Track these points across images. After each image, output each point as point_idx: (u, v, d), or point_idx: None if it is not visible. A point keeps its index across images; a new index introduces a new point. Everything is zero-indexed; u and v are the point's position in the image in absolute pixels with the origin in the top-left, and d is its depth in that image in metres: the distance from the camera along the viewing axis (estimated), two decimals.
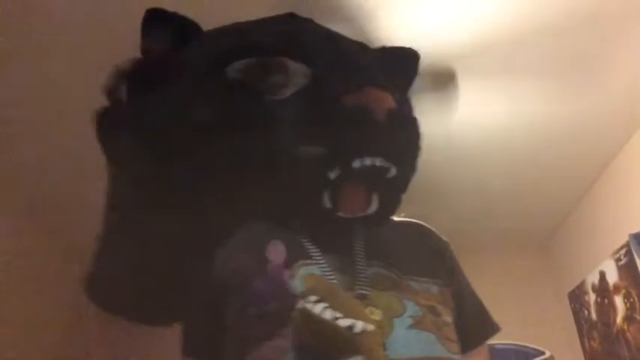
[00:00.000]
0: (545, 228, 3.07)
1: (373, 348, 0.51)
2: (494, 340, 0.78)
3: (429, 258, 0.72)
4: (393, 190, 0.65)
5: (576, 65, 1.87)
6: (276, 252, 0.59)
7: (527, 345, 2.20)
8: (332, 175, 0.60)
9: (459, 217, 2.54)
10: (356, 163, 0.60)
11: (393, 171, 0.62)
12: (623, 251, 2.34)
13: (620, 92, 2.00)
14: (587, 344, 2.74)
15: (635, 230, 2.23)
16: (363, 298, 0.57)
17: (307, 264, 0.59)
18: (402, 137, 0.65)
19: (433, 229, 0.79)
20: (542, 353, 2.16)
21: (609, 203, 2.52)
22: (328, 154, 0.60)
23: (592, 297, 2.66)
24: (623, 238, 2.30)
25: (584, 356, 2.77)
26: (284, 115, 0.62)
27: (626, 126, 2.24)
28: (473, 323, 0.68)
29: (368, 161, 0.60)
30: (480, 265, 3.05)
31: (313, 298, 0.52)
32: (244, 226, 0.63)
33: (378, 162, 0.61)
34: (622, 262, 2.36)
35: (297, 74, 0.65)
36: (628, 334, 2.33)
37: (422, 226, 0.78)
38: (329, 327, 0.50)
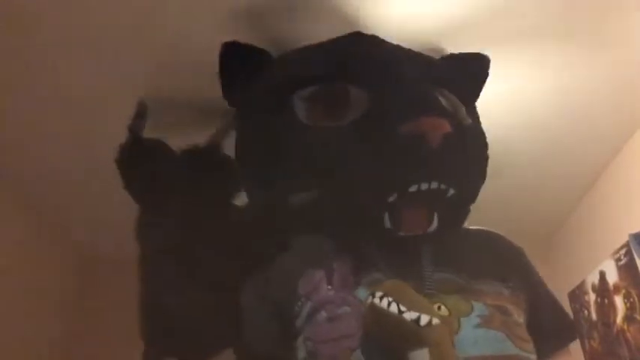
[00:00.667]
0: (545, 228, 3.07)
1: (441, 342, 0.52)
2: None
3: (499, 263, 0.75)
4: (455, 207, 0.69)
5: (576, 64, 1.87)
6: (342, 264, 0.63)
7: None
8: (391, 199, 0.64)
9: (496, 232, 2.54)
10: (412, 188, 0.63)
11: (451, 191, 0.66)
12: (623, 251, 2.34)
13: (621, 91, 2.00)
14: (587, 344, 2.74)
15: (635, 230, 2.23)
16: (430, 296, 0.59)
17: (372, 272, 0.63)
18: (457, 159, 0.67)
19: (504, 235, 0.84)
20: None
21: (609, 203, 2.52)
22: (386, 181, 0.64)
23: (592, 297, 2.66)
24: (623, 238, 2.30)
25: (584, 356, 2.76)
26: (344, 144, 0.66)
27: (626, 126, 2.24)
28: (550, 327, 0.70)
29: (424, 186, 0.63)
30: None
31: (379, 293, 0.54)
32: (309, 239, 0.68)
33: (434, 185, 0.64)
34: (622, 262, 2.36)
35: (358, 100, 0.69)
36: (628, 334, 2.33)
37: (492, 232, 0.84)
38: (395, 320, 0.52)
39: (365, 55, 0.74)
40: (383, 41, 0.78)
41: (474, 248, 0.75)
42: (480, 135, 0.74)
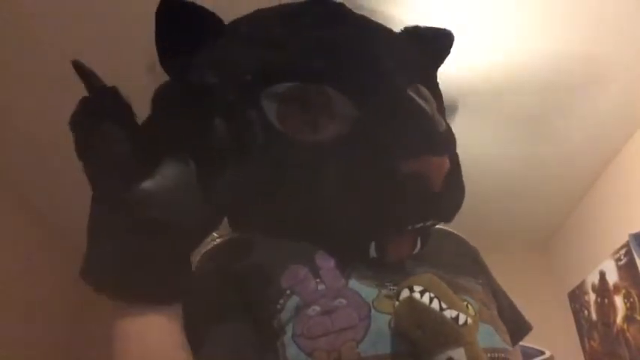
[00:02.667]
0: (545, 228, 3.07)
1: (473, 341, 0.51)
2: None
3: (467, 261, 0.73)
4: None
5: (577, 63, 1.87)
6: (325, 259, 0.59)
7: (527, 345, 2.20)
8: (381, 234, 0.60)
9: (459, 218, 2.53)
10: (409, 227, 0.60)
11: (440, 222, 0.64)
12: (623, 251, 2.34)
13: (621, 92, 2.00)
14: (587, 344, 2.74)
15: (635, 230, 2.23)
16: (456, 293, 0.56)
17: (358, 268, 0.59)
18: (453, 196, 0.64)
19: (461, 235, 0.80)
20: (542, 353, 2.15)
21: (609, 203, 2.52)
22: (381, 217, 0.58)
23: (592, 297, 2.66)
24: (623, 238, 2.30)
25: (584, 356, 2.77)
26: (329, 164, 0.59)
27: (626, 126, 2.24)
28: (510, 325, 0.68)
29: (420, 224, 0.60)
30: None
31: (419, 288, 0.52)
32: (287, 242, 0.62)
33: (429, 223, 0.62)
34: (622, 262, 2.36)
35: (341, 109, 0.60)
36: (628, 334, 2.33)
37: (451, 231, 0.78)
38: (437, 317, 0.50)
39: (342, 46, 0.63)
40: (350, 14, 0.68)
41: (443, 246, 0.71)
42: (454, 142, 0.70)
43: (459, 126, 2.10)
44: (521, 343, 0.82)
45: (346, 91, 0.60)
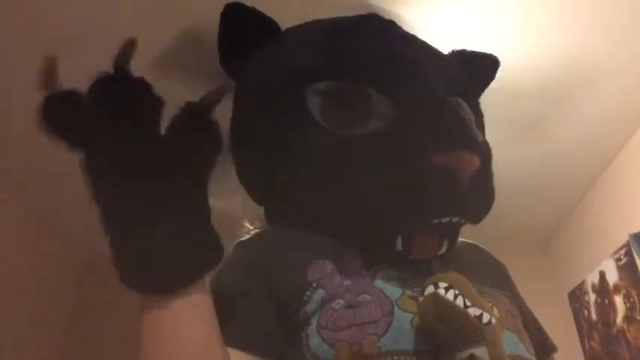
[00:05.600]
0: (545, 228, 3.07)
1: (497, 341, 0.52)
2: None
3: (493, 273, 0.75)
4: (460, 230, 0.68)
5: (576, 63, 1.87)
6: (352, 258, 0.61)
7: None
8: (408, 225, 0.62)
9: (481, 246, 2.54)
10: (434, 221, 0.61)
11: (467, 222, 0.66)
12: (623, 251, 2.34)
13: (621, 92, 2.00)
14: (587, 344, 2.74)
15: (635, 230, 2.23)
16: (481, 293, 0.58)
17: (384, 268, 0.61)
18: (481, 195, 0.67)
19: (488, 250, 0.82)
20: None
21: (609, 203, 2.52)
22: (409, 208, 0.60)
23: (592, 297, 2.66)
24: (623, 238, 2.30)
25: (584, 356, 2.76)
26: (365, 155, 0.61)
27: (626, 126, 2.24)
28: (533, 341, 0.69)
29: (446, 219, 0.62)
30: None
31: (444, 284, 0.52)
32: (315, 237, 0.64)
33: (455, 219, 0.63)
34: (622, 262, 2.36)
35: (382, 108, 0.64)
36: (628, 334, 2.33)
37: (478, 245, 0.82)
38: (460, 313, 0.51)
39: (390, 55, 0.68)
40: (400, 31, 0.73)
41: (471, 257, 0.74)
42: (490, 153, 0.73)
43: None
44: None
45: (388, 93, 0.64)
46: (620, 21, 1.70)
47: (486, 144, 0.73)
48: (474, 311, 0.51)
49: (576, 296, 2.85)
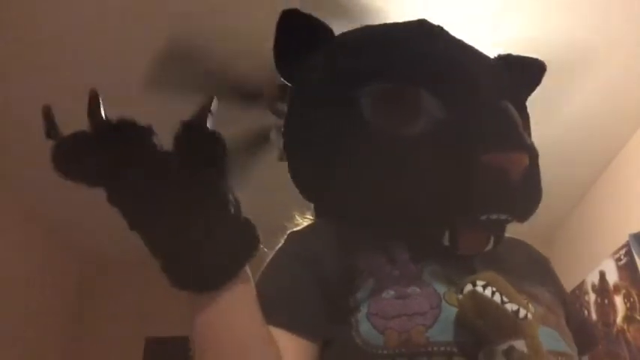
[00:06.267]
0: (545, 228, 3.08)
1: (534, 335, 0.55)
2: None
3: (537, 269, 0.77)
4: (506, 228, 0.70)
5: (577, 65, 1.87)
6: (401, 252, 0.64)
7: None
8: (456, 221, 0.64)
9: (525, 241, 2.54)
10: (483, 217, 0.63)
11: (514, 219, 0.68)
12: (623, 251, 2.34)
13: (621, 92, 2.00)
14: None
15: (635, 230, 2.24)
16: (519, 290, 0.60)
17: (430, 264, 0.63)
18: (530, 193, 0.68)
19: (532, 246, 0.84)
20: None
21: (609, 203, 2.52)
22: (459, 203, 0.63)
23: (592, 297, 2.66)
24: (623, 238, 2.30)
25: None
26: (414, 154, 0.64)
27: (626, 126, 2.24)
28: (578, 335, 0.70)
29: (494, 216, 0.64)
30: None
31: (481, 282, 0.56)
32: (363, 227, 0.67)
33: (503, 217, 0.65)
34: (622, 262, 2.36)
35: (431, 108, 0.66)
36: (628, 334, 2.33)
37: (522, 241, 0.83)
38: (497, 309, 0.54)
39: (440, 58, 0.71)
40: (449, 36, 0.76)
41: (514, 253, 0.76)
42: (537, 153, 0.75)
43: None
44: None
45: (438, 94, 0.66)
46: (623, 15, 1.70)
47: (534, 147, 0.75)
48: (510, 307, 0.54)
49: (576, 296, 2.85)
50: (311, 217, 0.79)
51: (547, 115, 2.11)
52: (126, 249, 2.35)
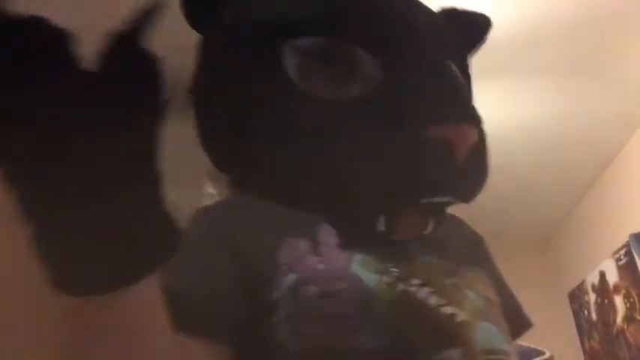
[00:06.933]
0: (545, 228, 3.07)
1: (470, 341, 0.49)
2: None
3: (474, 251, 0.69)
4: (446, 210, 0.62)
5: (576, 66, 1.87)
6: (328, 235, 0.54)
7: (527, 345, 2.20)
8: (394, 204, 0.56)
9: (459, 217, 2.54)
10: (424, 200, 0.56)
11: (457, 201, 0.59)
12: (623, 251, 2.34)
13: (621, 92, 2.00)
14: (587, 344, 2.74)
15: (635, 230, 2.24)
16: (456, 286, 0.54)
17: (361, 249, 0.54)
18: (477, 173, 0.60)
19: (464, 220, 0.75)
20: (542, 353, 2.15)
21: (609, 203, 2.52)
22: (397, 186, 0.54)
23: (592, 297, 2.66)
24: (623, 238, 2.30)
25: (584, 356, 2.77)
26: (348, 122, 0.55)
27: (626, 126, 2.24)
28: (511, 319, 0.64)
29: (436, 199, 0.56)
30: None
31: (417, 281, 0.49)
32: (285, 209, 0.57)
33: (446, 199, 0.57)
34: (622, 262, 2.36)
35: (368, 69, 0.56)
36: (628, 334, 2.33)
37: (459, 218, 0.73)
38: (433, 313, 0.47)
39: (379, 9, 0.60)
40: None
41: (450, 234, 0.66)
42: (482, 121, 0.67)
43: None
44: (521, 343, 0.79)
45: (377, 53, 0.57)
46: (618, 21, 1.70)
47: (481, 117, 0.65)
48: (446, 310, 0.48)
49: (576, 296, 2.85)
50: (223, 191, 0.67)
51: (547, 114, 2.12)
52: None
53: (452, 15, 0.71)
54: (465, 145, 0.53)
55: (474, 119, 0.56)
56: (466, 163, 0.54)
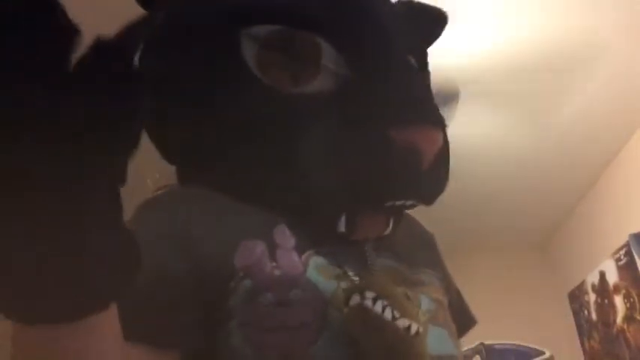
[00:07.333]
0: (546, 228, 3.07)
1: (423, 352, 0.49)
2: (494, 341, 0.77)
3: (424, 249, 0.68)
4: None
5: (576, 65, 1.87)
6: (284, 237, 0.52)
7: (527, 345, 2.20)
8: (357, 205, 0.54)
9: (459, 217, 2.54)
10: (388, 204, 0.54)
11: (420, 204, 0.58)
12: (623, 251, 2.34)
13: (621, 92, 2.00)
14: (587, 344, 2.75)
15: (635, 230, 2.24)
16: (409, 297, 0.52)
17: (319, 252, 0.53)
18: (440, 177, 0.58)
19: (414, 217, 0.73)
20: (542, 353, 2.16)
21: (609, 203, 2.53)
22: (360, 188, 0.52)
23: (592, 297, 2.66)
24: (623, 238, 2.30)
25: (584, 356, 2.77)
26: (309, 119, 0.52)
27: (626, 126, 2.24)
28: (456, 316, 0.63)
29: (400, 203, 0.55)
30: (479, 265, 3.05)
31: (371, 294, 0.47)
32: (239, 207, 0.54)
33: (409, 203, 0.56)
34: (622, 262, 2.36)
35: (331, 63, 0.53)
36: (628, 334, 2.33)
37: (408, 215, 0.69)
38: (388, 327, 0.47)
39: (346, 2, 0.57)
40: None
41: (403, 233, 0.64)
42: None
43: (462, 122, 2.11)
44: (521, 343, 0.79)
45: (340, 45, 0.54)
46: (623, 10, 1.70)
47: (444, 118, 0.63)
48: (402, 323, 0.47)
49: (576, 296, 2.85)
50: (165, 185, 0.62)
51: (547, 114, 2.12)
52: None
53: (409, 7, 0.69)
54: (431, 149, 0.52)
55: (439, 122, 0.54)
56: (430, 168, 0.53)
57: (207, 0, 0.58)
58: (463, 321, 0.68)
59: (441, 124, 0.54)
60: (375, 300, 0.47)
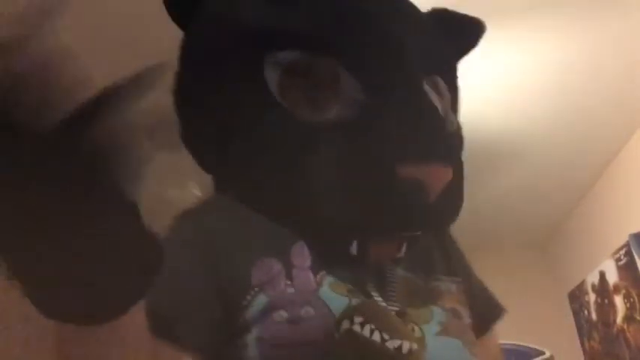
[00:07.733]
0: (545, 228, 3.08)
1: None
2: None
3: (444, 254, 0.68)
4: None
5: (577, 65, 1.87)
6: (302, 256, 0.54)
7: (527, 345, 2.20)
8: (366, 233, 0.56)
9: (459, 217, 2.54)
10: (396, 234, 0.57)
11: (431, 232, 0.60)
12: (623, 251, 2.35)
13: (621, 92, 2.00)
14: (587, 344, 2.75)
15: (635, 230, 2.24)
16: (402, 315, 0.54)
17: (333, 271, 0.55)
18: (450, 207, 0.60)
19: None
20: (542, 353, 2.16)
21: (609, 203, 2.53)
22: (369, 219, 0.54)
23: (592, 297, 2.66)
24: (623, 238, 2.30)
25: (584, 356, 2.77)
26: (325, 146, 0.54)
27: (626, 126, 2.24)
28: (482, 311, 0.65)
29: (408, 233, 0.57)
30: (479, 265, 3.04)
31: (359, 319, 0.49)
32: (260, 224, 0.56)
33: (418, 232, 0.58)
34: (622, 262, 2.37)
35: (349, 92, 0.55)
36: (628, 334, 2.33)
37: None
38: (378, 350, 0.48)
39: (366, 24, 0.58)
40: None
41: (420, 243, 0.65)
42: (462, 144, 0.64)
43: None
44: (521, 343, 0.79)
45: (358, 73, 0.55)
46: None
47: (459, 131, 0.65)
48: (392, 344, 0.49)
49: (576, 296, 2.85)
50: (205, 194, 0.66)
51: (547, 114, 2.12)
52: None
53: (443, 17, 0.69)
54: (437, 185, 0.53)
55: (448, 157, 0.55)
56: (439, 199, 0.54)
57: (234, 18, 0.60)
58: (491, 311, 0.69)
59: (449, 160, 0.55)
60: (362, 325, 0.49)
